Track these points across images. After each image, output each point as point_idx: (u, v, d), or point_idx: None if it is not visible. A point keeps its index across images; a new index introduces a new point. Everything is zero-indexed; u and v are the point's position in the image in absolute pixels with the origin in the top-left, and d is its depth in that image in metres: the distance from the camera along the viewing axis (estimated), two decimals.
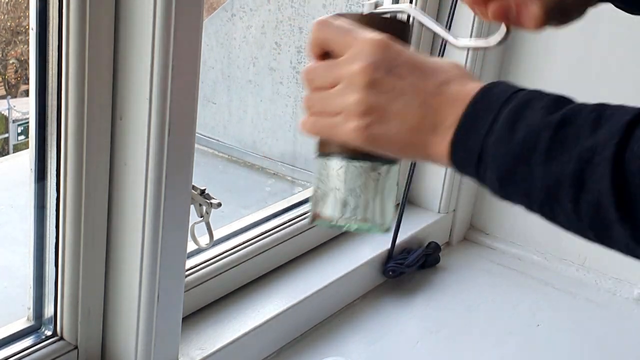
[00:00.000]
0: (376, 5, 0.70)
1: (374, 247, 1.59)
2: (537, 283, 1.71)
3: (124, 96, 0.98)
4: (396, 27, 0.69)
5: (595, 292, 1.69)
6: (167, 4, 0.91)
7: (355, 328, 1.46)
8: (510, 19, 0.69)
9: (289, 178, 3.23)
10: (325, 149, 0.69)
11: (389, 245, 1.59)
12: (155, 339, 1.08)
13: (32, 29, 0.96)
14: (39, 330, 1.10)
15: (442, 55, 1.58)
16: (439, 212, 1.76)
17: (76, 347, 1.09)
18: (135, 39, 0.95)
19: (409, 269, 1.61)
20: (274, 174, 3.28)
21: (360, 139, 0.64)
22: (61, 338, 1.09)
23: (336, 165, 0.69)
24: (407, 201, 1.65)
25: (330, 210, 0.69)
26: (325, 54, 0.67)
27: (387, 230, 0.72)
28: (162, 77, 0.94)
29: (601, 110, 0.56)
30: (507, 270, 1.75)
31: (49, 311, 1.09)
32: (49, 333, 1.09)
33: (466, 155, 0.60)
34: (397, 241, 1.60)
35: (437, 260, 1.70)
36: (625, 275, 1.69)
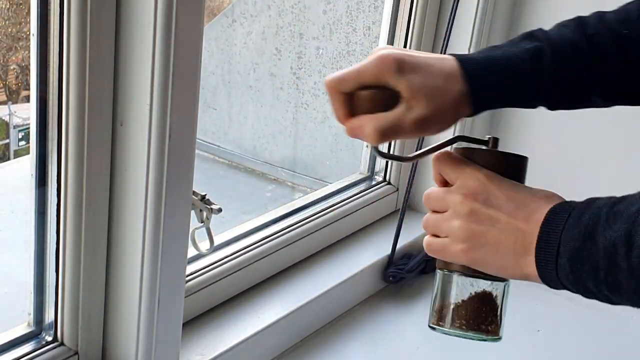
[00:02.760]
0: (495, 141, 0.80)
1: (375, 252, 1.59)
2: (537, 288, 1.70)
3: (125, 102, 0.98)
4: (509, 163, 0.78)
5: None
6: (168, 10, 0.91)
7: (356, 333, 1.45)
8: (357, 136, 0.80)
9: (289, 183, 3.23)
10: (443, 265, 0.80)
11: (389, 251, 1.59)
12: (156, 345, 1.08)
13: (33, 35, 0.96)
14: (39, 336, 1.10)
15: (446, 47, 1.58)
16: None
17: (77, 353, 1.09)
18: (136, 44, 0.95)
19: (409, 274, 1.61)
20: (274, 179, 3.28)
21: (464, 260, 0.76)
22: (62, 344, 1.09)
23: (454, 279, 0.80)
24: (408, 207, 1.65)
25: (448, 319, 0.81)
26: (445, 181, 0.79)
27: (499, 339, 0.85)
28: (163, 82, 0.94)
29: None
30: None
31: (49, 317, 1.09)
32: (49, 338, 1.09)
33: (548, 256, 0.69)
34: (398, 247, 1.60)
35: None
36: None
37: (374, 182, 1.75)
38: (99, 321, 1.10)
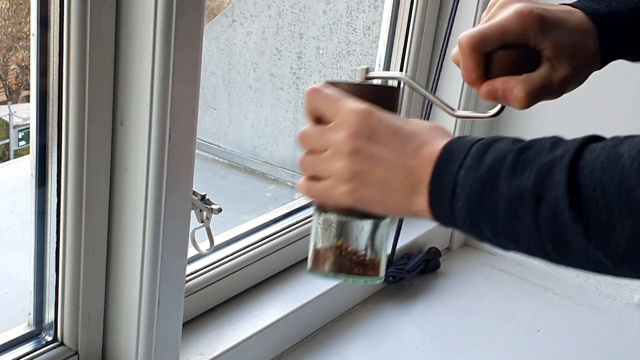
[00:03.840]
0: (367, 71, 0.76)
1: None
2: (537, 288, 1.71)
3: (125, 102, 0.98)
4: (384, 94, 0.74)
5: (595, 297, 1.69)
6: (168, 10, 0.91)
7: (356, 334, 1.46)
8: (498, 100, 0.76)
9: (289, 183, 3.23)
10: (321, 207, 0.75)
11: (389, 251, 1.59)
12: (156, 345, 1.08)
13: (33, 35, 0.96)
14: (39, 336, 1.10)
15: (446, 47, 1.58)
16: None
17: (76, 353, 1.09)
18: (136, 44, 0.95)
19: (409, 274, 1.61)
20: (275, 179, 3.28)
21: (349, 201, 0.71)
22: (62, 343, 1.09)
23: (330, 221, 0.75)
24: None
25: (326, 263, 0.75)
26: (318, 118, 0.73)
27: (381, 280, 0.77)
28: (163, 82, 0.94)
29: (558, 138, 0.62)
30: (508, 276, 1.75)
31: (49, 317, 1.09)
32: (49, 338, 1.09)
33: (442, 196, 0.65)
34: (398, 247, 1.60)
35: (438, 265, 1.70)
36: (626, 281, 1.69)
37: None
38: (99, 321, 1.10)
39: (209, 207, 1.19)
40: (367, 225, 0.75)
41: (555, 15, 0.75)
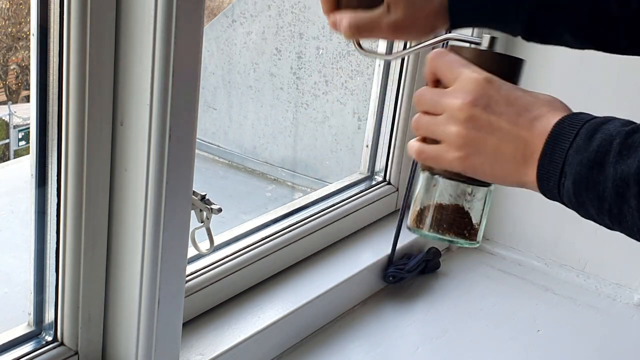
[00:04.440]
0: (492, 40, 0.77)
1: (375, 252, 1.59)
2: (537, 288, 1.71)
3: (125, 102, 0.98)
4: (507, 64, 0.75)
5: (595, 297, 1.69)
6: (168, 10, 0.91)
7: (356, 334, 1.46)
8: (335, 29, 0.84)
9: (289, 183, 3.23)
10: (429, 168, 0.77)
11: (389, 251, 1.59)
12: (156, 345, 1.08)
13: (33, 35, 0.96)
14: (39, 336, 1.10)
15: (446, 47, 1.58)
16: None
17: (77, 353, 1.09)
18: (136, 44, 0.95)
19: (409, 274, 1.61)
20: (275, 179, 3.28)
21: (459, 168, 0.72)
22: (62, 344, 1.09)
23: (437, 182, 0.77)
24: (408, 207, 1.65)
25: (427, 221, 0.78)
26: (438, 81, 0.75)
27: (477, 245, 0.80)
28: (163, 82, 0.94)
29: None
30: (508, 276, 1.75)
31: (49, 317, 1.09)
32: (49, 338, 1.09)
33: (550, 172, 0.66)
34: (398, 247, 1.60)
35: (438, 265, 1.70)
36: (626, 281, 1.69)
37: (374, 182, 1.75)
38: (99, 321, 1.10)
39: (209, 207, 1.19)
40: (471, 190, 0.77)
41: None
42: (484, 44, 0.77)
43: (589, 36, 0.82)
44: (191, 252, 1.20)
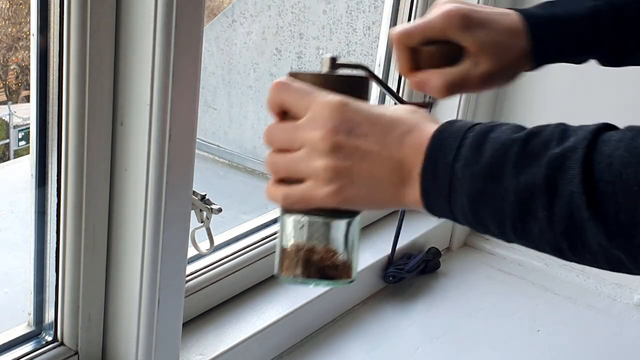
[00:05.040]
0: (333, 61, 0.71)
1: (375, 252, 1.59)
2: (537, 289, 1.71)
3: (125, 102, 0.98)
4: (355, 84, 0.70)
5: (595, 297, 1.69)
6: (168, 10, 0.91)
7: (356, 334, 1.45)
8: (423, 90, 0.80)
9: None
10: (289, 209, 0.69)
11: (389, 251, 1.59)
12: (156, 345, 1.08)
13: (33, 35, 0.96)
14: (39, 336, 1.10)
15: None
16: (438, 217, 1.76)
17: (76, 353, 1.09)
18: (136, 44, 0.95)
19: (409, 274, 1.61)
20: None
21: (333, 203, 0.65)
22: (62, 344, 1.09)
23: (299, 222, 0.69)
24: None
25: (297, 267, 0.69)
26: (285, 113, 0.68)
27: (353, 282, 0.72)
28: (163, 83, 0.94)
29: (565, 126, 0.59)
30: (508, 276, 1.75)
31: (49, 317, 1.09)
32: (49, 338, 1.09)
33: (437, 189, 0.62)
34: (398, 247, 1.60)
35: (438, 265, 1.70)
36: (626, 281, 1.69)
37: None
38: (99, 321, 1.10)
39: (209, 207, 1.19)
40: (339, 224, 0.69)
41: (483, 16, 0.79)
42: (325, 67, 0.71)
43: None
44: (191, 252, 1.20)
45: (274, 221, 1.48)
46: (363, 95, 0.70)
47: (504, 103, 1.77)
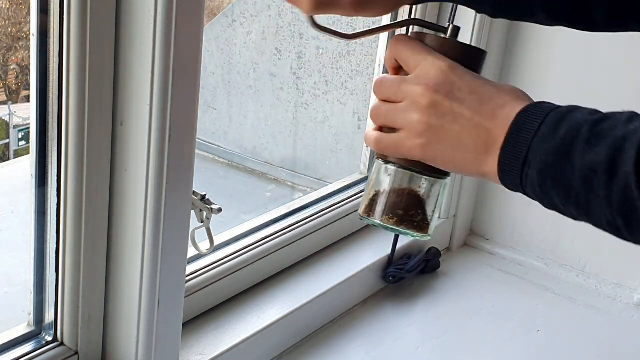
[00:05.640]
0: (456, 29, 0.75)
1: (374, 252, 1.59)
2: (537, 288, 1.71)
3: (125, 102, 0.98)
4: (471, 54, 0.74)
5: (595, 297, 1.69)
6: (168, 10, 0.91)
7: (356, 334, 1.46)
8: (292, 3, 0.78)
9: (289, 183, 3.23)
10: (384, 157, 0.75)
11: (389, 251, 1.59)
12: (156, 344, 1.08)
13: (33, 35, 0.96)
14: (39, 336, 1.10)
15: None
16: (439, 217, 1.76)
17: (76, 353, 1.09)
18: (136, 44, 0.95)
19: (409, 274, 1.61)
20: (275, 179, 3.28)
21: (419, 156, 0.70)
22: (62, 343, 1.09)
23: (391, 171, 0.75)
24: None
25: (379, 210, 0.76)
26: (399, 67, 0.73)
27: (428, 238, 0.78)
28: (163, 82, 0.94)
29: (635, 113, 0.61)
30: (508, 276, 1.75)
31: (49, 317, 1.09)
32: (49, 338, 1.09)
33: (513, 161, 0.65)
34: (398, 247, 1.60)
35: (438, 265, 1.70)
36: (626, 281, 1.69)
37: None
38: (99, 321, 1.10)
39: (209, 207, 1.19)
40: (426, 181, 0.75)
41: None
42: (448, 33, 0.75)
43: (562, 14, 0.78)
44: (191, 252, 1.20)
45: (274, 221, 1.48)
46: (475, 67, 0.73)
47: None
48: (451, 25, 0.75)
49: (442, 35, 0.75)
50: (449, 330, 1.51)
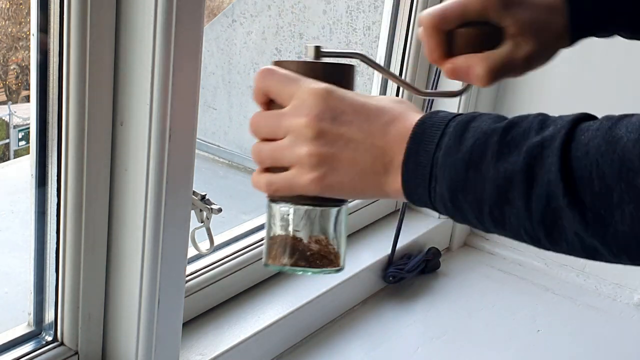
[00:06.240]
0: (318, 50, 0.71)
1: (375, 252, 1.59)
2: (537, 289, 1.71)
3: (125, 102, 0.98)
4: (340, 72, 0.70)
5: (595, 297, 1.69)
6: (168, 10, 0.91)
7: (356, 334, 1.45)
8: (461, 78, 0.74)
9: None
10: (275, 197, 0.70)
11: (389, 251, 1.59)
12: (156, 344, 1.08)
13: (33, 35, 0.96)
14: (39, 336, 1.10)
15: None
16: (439, 217, 1.76)
17: (77, 353, 1.09)
18: (136, 44, 0.95)
19: (409, 274, 1.61)
20: None
21: (316, 190, 0.66)
22: (62, 343, 1.09)
23: (286, 211, 0.70)
24: (407, 207, 1.65)
25: (284, 255, 0.70)
26: (270, 101, 0.69)
27: (341, 270, 0.74)
28: (163, 82, 0.94)
29: (545, 116, 0.59)
30: (508, 276, 1.75)
31: (49, 316, 1.09)
32: (49, 338, 1.09)
33: (418, 177, 0.62)
34: (398, 247, 1.60)
35: (438, 265, 1.70)
36: (626, 281, 1.69)
37: None
38: (99, 321, 1.10)
39: (209, 207, 1.19)
40: (325, 212, 0.70)
41: None
42: (310, 55, 0.71)
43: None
44: (191, 252, 1.20)
45: None
46: (348, 83, 0.69)
47: (503, 103, 1.77)
48: (312, 46, 0.70)
49: (306, 59, 0.71)
50: (449, 330, 1.51)
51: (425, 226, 1.73)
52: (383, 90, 1.69)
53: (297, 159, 0.65)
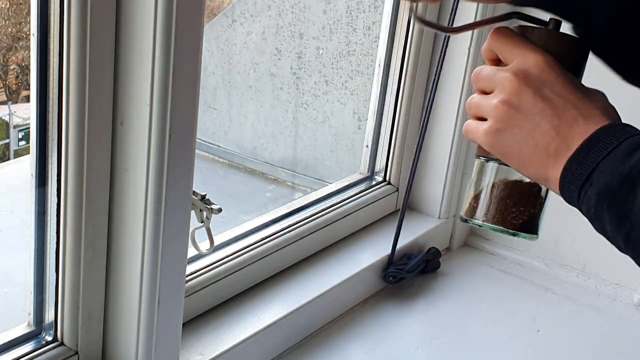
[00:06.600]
0: (557, 24, 0.72)
1: (375, 252, 1.59)
2: (537, 289, 1.71)
3: (125, 102, 0.98)
4: (570, 48, 0.71)
5: (595, 297, 1.69)
6: (168, 10, 0.91)
7: (356, 334, 1.46)
8: None
9: (289, 183, 3.23)
10: (482, 152, 0.72)
11: (389, 251, 1.59)
12: (156, 344, 1.08)
13: (33, 35, 0.96)
14: (39, 336, 1.10)
15: (446, 46, 1.57)
16: (439, 217, 1.76)
17: (76, 353, 1.09)
18: (136, 44, 0.95)
19: (409, 274, 1.61)
20: (275, 179, 3.28)
21: (485, 141, 0.68)
22: (62, 343, 1.09)
23: (490, 169, 0.72)
24: (408, 207, 1.65)
25: (482, 212, 0.72)
26: (497, 60, 0.71)
27: (536, 239, 0.74)
28: (163, 82, 0.94)
29: None
30: (508, 276, 1.75)
31: (49, 316, 1.09)
32: (49, 338, 1.09)
33: (577, 176, 0.63)
34: (398, 247, 1.60)
35: (438, 265, 1.70)
36: (626, 281, 1.69)
37: (374, 182, 1.75)
38: (99, 321, 1.10)
39: (209, 207, 1.19)
40: (522, 175, 0.71)
41: None
42: (550, 26, 0.72)
43: None
44: (191, 252, 1.20)
45: (274, 221, 1.48)
46: (575, 62, 0.70)
47: None
48: (552, 19, 0.72)
49: (545, 28, 0.72)
50: (449, 330, 1.51)
51: (425, 226, 1.73)
52: (383, 90, 1.69)
53: (488, 109, 0.67)
